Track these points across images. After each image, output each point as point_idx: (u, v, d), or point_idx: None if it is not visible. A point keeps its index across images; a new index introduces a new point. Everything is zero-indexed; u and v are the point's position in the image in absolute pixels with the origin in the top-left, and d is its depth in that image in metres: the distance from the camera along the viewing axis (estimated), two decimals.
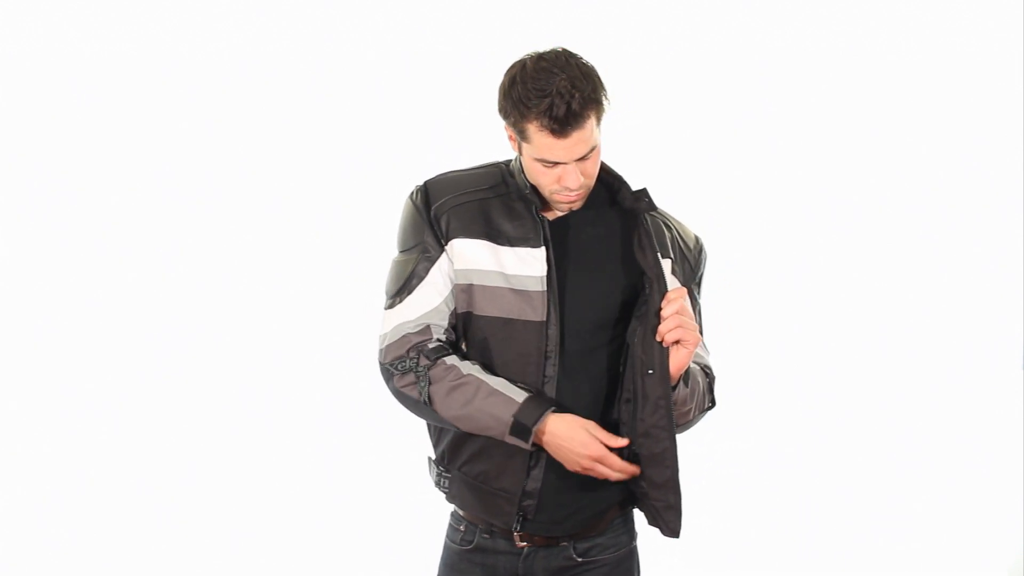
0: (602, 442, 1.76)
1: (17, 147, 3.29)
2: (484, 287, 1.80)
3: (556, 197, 1.79)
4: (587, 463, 1.76)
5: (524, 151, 1.76)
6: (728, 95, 3.41)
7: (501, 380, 1.79)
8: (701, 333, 1.97)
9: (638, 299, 1.84)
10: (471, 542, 1.93)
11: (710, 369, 1.97)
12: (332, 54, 3.34)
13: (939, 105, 3.42)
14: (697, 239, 1.98)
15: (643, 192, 1.84)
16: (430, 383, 1.80)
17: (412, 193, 1.87)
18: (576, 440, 1.75)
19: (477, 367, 1.81)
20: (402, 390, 1.83)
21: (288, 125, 3.35)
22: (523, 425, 1.75)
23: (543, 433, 1.76)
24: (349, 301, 3.26)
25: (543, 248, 1.80)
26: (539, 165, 1.74)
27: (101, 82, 3.29)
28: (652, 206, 1.84)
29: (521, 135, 1.73)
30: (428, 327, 1.82)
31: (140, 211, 3.33)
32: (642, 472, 1.81)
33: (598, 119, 1.72)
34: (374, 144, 3.35)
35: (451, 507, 2.00)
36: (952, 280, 3.46)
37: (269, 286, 3.37)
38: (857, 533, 3.47)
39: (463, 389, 1.78)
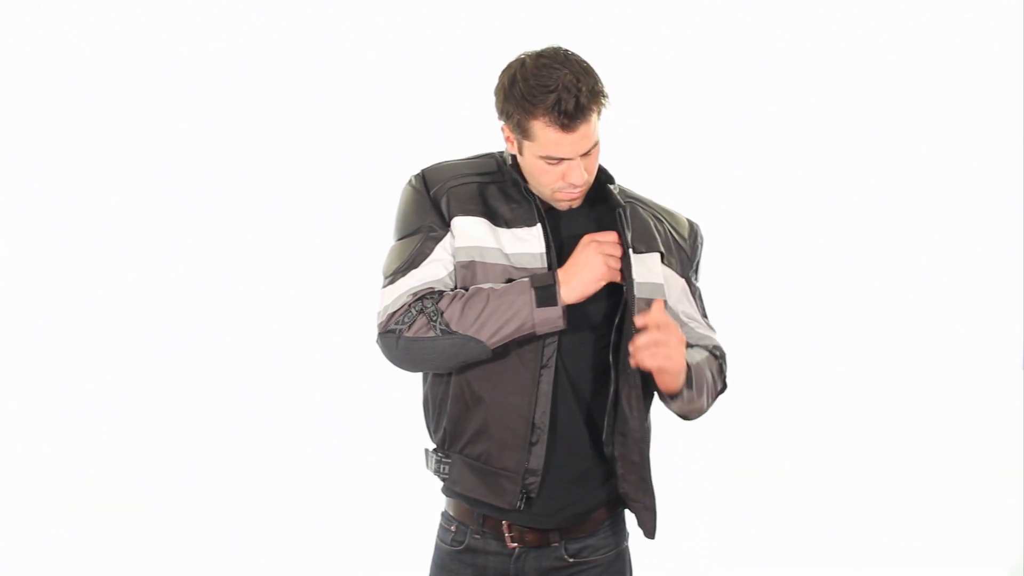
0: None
1: (17, 147, 3.29)
2: (485, 264, 1.80)
3: (558, 195, 1.78)
4: (599, 250, 1.76)
5: (527, 150, 1.75)
6: (728, 95, 3.41)
7: (501, 283, 1.79)
8: (705, 316, 1.98)
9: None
10: (462, 542, 1.92)
11: (719, 350, 1.96)
12: (331, 55, 3.34)
13: (939, 105, 3.41)
14: (691, 225, 1.98)
15: (611, 191, 1.85)
16: (441, 314, 1.76)
17: (410, 180, 1.86)
18: (582, 252, 1.77)
19: (495, 284, 1.79)
20: (416, 337, 1.77)
21: (288, 125, 3.35)
22: (546, 286, 1.74)
23: (562, 283, 1.75)
24: (348, 301, 3.26)
25: (538, 225, 1.80)
26: (543, 163, 1.74)
27: (101, 82, 3.29)
28: (619, 203, 1.83)
29: (524, 134, 1.72)
30: (432, 288, 1.80)
31: (140, 211, 3.33)
32: (620, 472, 1.84)
33: (599, 113, 1.73)
34: (374, 144, 3.35)
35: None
36: (952, 280, 3.45)
37: (269, 286, 3.37)
38: (857, 532, 3.47)
39: (474, 299, 1.75)
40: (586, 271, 1.76)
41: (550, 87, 1.67)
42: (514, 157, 1.84)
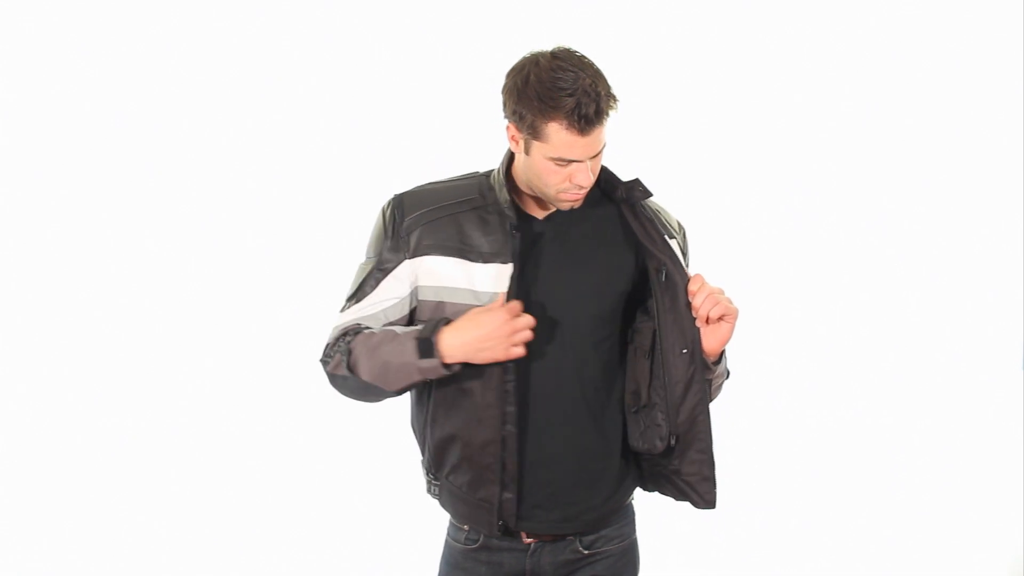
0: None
1: (17, 147, 3.28)
2: (455, 304, 1.81)
3: (563, 196, 1.79)
4: (507, 327, 1.70)
5: (535, 151, 1.74)
6: (728, 94, 3.41)
7: (408, 327, 1.80)
8: None
9: (645, 287, 1.86)
10: (476, 540, 1.93)
11: None
12: (330, 56, 3.33)
13: (939, 105, 3.42)
14: (679, 224, 2.00)
15: (635, 181, 1.85)
16: (350, 354, 1.80)
17: (389, 201, 1.88)
18: (479, 319, 1.72)
19: (398, 326, 1.80)
20: (333, 374, 1.83)
21: (289, 127, 3.34)
22: (426, 340, 1.72)
23: (446, 343, 1.72)
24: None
25: (511, 265, 1.79)
26: (552, 164, 1.74)
27: (100, 82, 3.28)
28: (647, 192, 1.85)
29: (536, 135, 1.72)
30: (359, 326, 1.83)
31: (139, 211, 3.32)
32: (676, 450, 1.85)
33: (608, 120, 1.73)
34: (374, 146, 3.34)
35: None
36: (952, 280, 3.46)
37: (268, 287, 3.36)
38: (857, 533, 3.47)
39: (371, 343, 1.77)
40: (479, 343, 1.71)
41: (568, 90, 1.67)
42: (509, 166, 1.85)
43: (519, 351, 1.73)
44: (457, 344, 1.72)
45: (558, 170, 1.74)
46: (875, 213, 3.46)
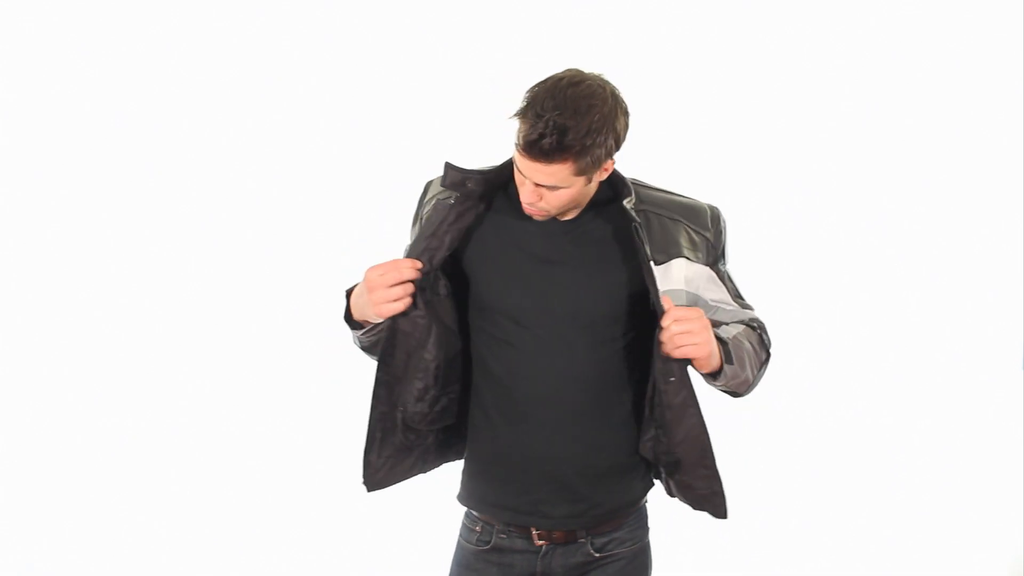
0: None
1: (17, 147, 3.27)
2: None
3: (520, 197, 1.78)
4: (382, 278, 1.73)
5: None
6: (728, 95, 3.41)
7: None
8: (739, 296, 1.94)
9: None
10: (488, 542, 1.93)
11: (756, 322, 1.92)
12: (330, 56, 3.33)
13: (939, 105, 3.42)
14: (711, 212, 1.91)
15: (626, 211, 1.81)
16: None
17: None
18: (365, 280, 1.76)
19: None
20: None
21: (289, 127, 3.33)
22: (347, 293, 1.88)
23: (352, 295, 1.85)
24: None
25: (415, 228, 1.91)
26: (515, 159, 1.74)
27: (101, 82, 3.27)
28: (633, 219, 1.79)
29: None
30: None
31: (139, 211, 3.32)
32: (685, 468, 1.83)
33: (576, 170, 1.68)
34: (374, 146, 3.34)
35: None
36: (952, 280, 3.46)
37: (268, 287, 3.36)
38: (857, 533, 3.47)
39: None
40: (367, 306, 1.77)
41: (538, 113, 1.63)
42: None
43: (394, 307, 1.74)
44: (354, 297, 1.84)
45: (517, 170, 1.74)
46: (875, 213, 3.46)
